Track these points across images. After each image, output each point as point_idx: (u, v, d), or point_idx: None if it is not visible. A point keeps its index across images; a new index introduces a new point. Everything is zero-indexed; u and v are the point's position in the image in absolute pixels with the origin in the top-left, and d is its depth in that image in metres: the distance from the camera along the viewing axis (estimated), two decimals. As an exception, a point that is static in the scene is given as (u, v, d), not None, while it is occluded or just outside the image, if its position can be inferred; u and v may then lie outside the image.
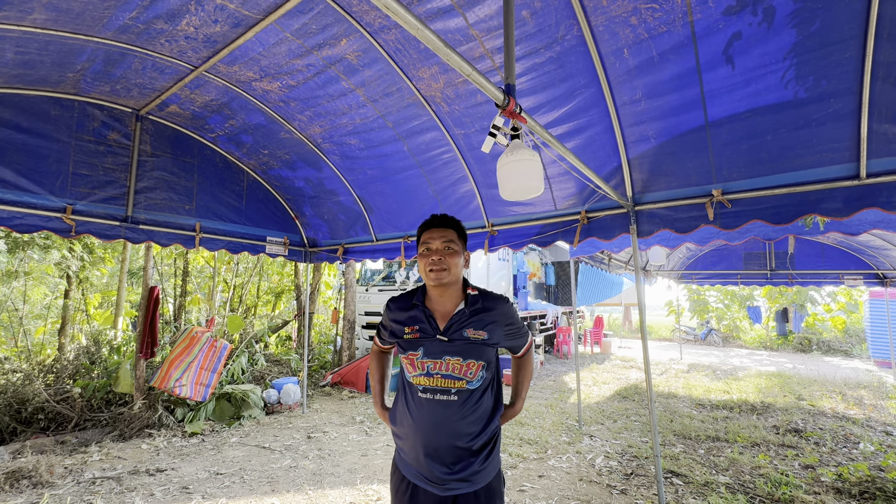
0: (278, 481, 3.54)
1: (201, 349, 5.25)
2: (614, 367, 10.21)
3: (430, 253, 1.49)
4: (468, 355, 1.45)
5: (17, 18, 2.50)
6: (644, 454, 4.25)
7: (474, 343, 1.46)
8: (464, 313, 1.49)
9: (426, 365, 1.47)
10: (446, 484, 1.41)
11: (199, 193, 4.60)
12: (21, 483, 3.28)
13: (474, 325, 1.47)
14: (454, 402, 1.43)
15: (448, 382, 1.44)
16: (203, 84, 3.60)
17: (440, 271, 1.47)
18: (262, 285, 11.83)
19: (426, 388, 1.46)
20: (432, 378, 1.46)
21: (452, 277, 1.49)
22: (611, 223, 3.36)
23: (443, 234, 1.50)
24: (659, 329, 20.90)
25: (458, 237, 1.54)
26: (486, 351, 1.47)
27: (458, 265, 1.50)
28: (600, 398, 6.89)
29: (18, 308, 9.25)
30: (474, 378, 1.45)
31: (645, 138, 2.93)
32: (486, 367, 1.48)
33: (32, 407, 5.02)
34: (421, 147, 3.83)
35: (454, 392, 1.43)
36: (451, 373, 1.44)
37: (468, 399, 1.44)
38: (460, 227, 1.59)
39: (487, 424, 1.48)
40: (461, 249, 1.54)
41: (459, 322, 1.48)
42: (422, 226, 1.57)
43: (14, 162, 3.44)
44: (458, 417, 1.42)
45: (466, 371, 1.45)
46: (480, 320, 1.48)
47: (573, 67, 2.72)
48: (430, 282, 1.50)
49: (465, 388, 1.44)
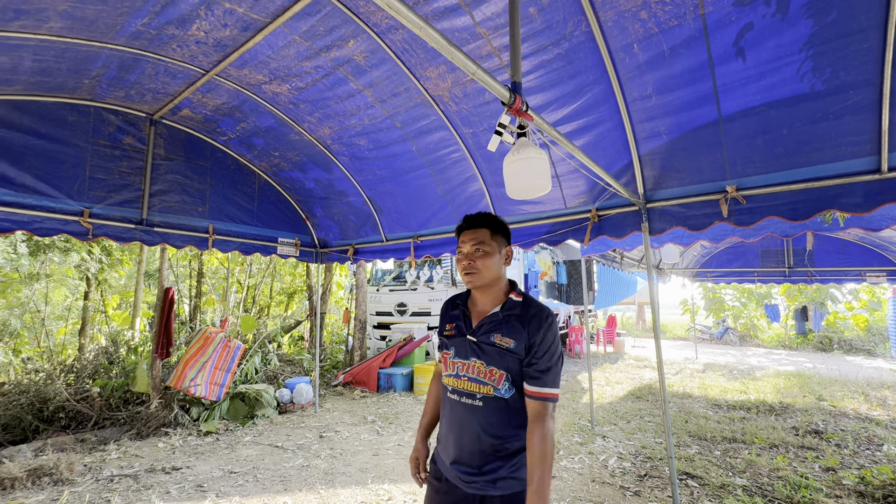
0: (291, 480, 3.57)
1: (215, 349, 5.33)
2: (628, 367, 10.09)
3: (462, 257, 1.46)
4: (491, 361, 1.38)
5: (34, 27, 2.56)
6: (658, 455, 4.19)
7: (499, 349, 1.37)
8: (496, 316, 1.42)
9: (456, 366, 1.45)
10: (474, 483, 1.39)
11: (211, 196, 4.67)
12: (42, 480, 3.36)
13: (504, 331, 1.39)
14: (479, 408, 1.38)
15: (474, 386, 1.40)
16: (214, 88, 3.64)
17: (470, 274, 1.43)
18: (274, 286, 11.96)
19: (454, 390, 1.45)
20: (460, 380, 1.44)
21: (486, 279, 1.43)
22: (622, 221, 3.31)
23: (473, 236, 1.45)
24: (673, 328, 20.61)
25: (493, 235, 1.45)
26: (509, 359, 1.36)
27: (490, 266, 1.42)
28: (613, 398, 6.82)
29: (41, 309, 9.50)
30: (499, 385, 1.36)
31: (656, 134, 2.88)
32: (508, 377, 1.36)
33: (54, 406, 5.15)
34: (429, 147, 3.83)
35: (479, 397, 1.38)
36: (477, 377, 1.39)
37: (496, 407, 1.36)
38: (496, 223, 1.48)
39: (523, 431, 1.38)
40: (497, 248, 1.45)
41: (490, 325, 1.42)
42: (457, 228, 1.53)
43: (33, 167, 3.52)
44: (483, 423, 1.37)
45: (490, 377, 1.37)
46: (512, 327, 1.38)
47: (582, 64, 2.68)
48: (466, 285, 1.48)
49: (491, 394, 1.36)
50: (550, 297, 12.88)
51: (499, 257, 1.45)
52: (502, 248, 1.48)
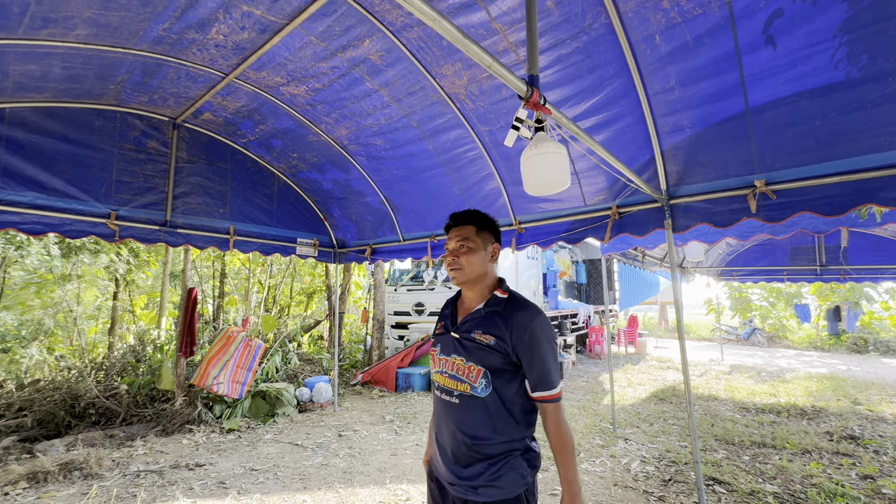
0: (310, 479, 3.60)
1: (237, 348, 5.43)
2: (650, 368, 9.87)
3: (447, 253, 1.48)
4: (471, 357, 1.37)
5: (62, 35, 2.64)
6: (683, 459, 4.06)
7: (479, 345, 1.36)
8: (479, 313, 1.42)
9: (441, 362, 1.47)
10: (457, 486, 1.38)
11: (232, 197, 4.75)
12: (73, 474, 3.47)
13: (484, 328, 1.38)
14: (457, 406, 1.38)
15: (452, 383, 1.40)
16: (234, 91, 3.70)
17: (454, 270, 1.45)
18: (294, 286, 12.13)
19: (438, 386, 1.47)
20: (443, 376, 1.45)
21: (469, 275, 1.44)
22: (644, 218, 3.23)
23: (458, 233, 1.46)
24: (698, 328, 20.09)
25: (479, 231, 1.46)
26: (488, 356, 1.34)
27: (474, 262, 1.43)
28: (635, 400, 6.67)
29: (73, 309, 9.87)
30: (476, 383, 1.35)
31: (679, 128, 2.79)
32: (487, 374, 1.34)
33: (85, 402, 5.33)
34: (446, 145, 3.80)
35: (456, 395, 1.39)
36: (456, 373, 1.40)
37: (471, 406, 1.35)
38: (482, 219, 1.49)
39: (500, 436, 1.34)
40: (482, 245, 1.45)
41: (473, 321, 1.42)
42: (445, 226, 1.55)
43: (63, 171, 3.64)
44: (458, 422, 1.37)
45: (468, 374, 1.36)
46: (493, 324, 1.37)
47: (601, 57, 2.62)
48: (452, 282, 1.49)
49: (468, 392, 1.36)
50: (570, 296, 12.71)
51: (484, 254, 1.45)
52: (488, 245, 1.47)
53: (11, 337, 6.83)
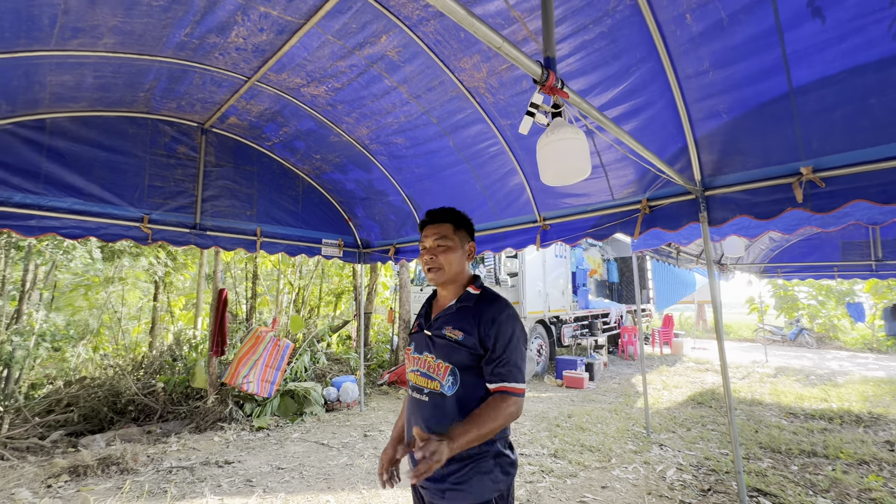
0: (334, 479, 3.60)
1: (265, 348, 5.53)
2: (687, 370, 9.44)
3: (424, 252, 1.45)
4: (440, 354, 1.34)
5: (91, 45, 2.73)
6: (724, 468, 3.82)
7: (448, 341, 1.33)
8: (450, 309, 1.40)
9: (415, 360, 1.44)
10: (427, 488, 1.36)
11: (259, 199, 4.84)
12: (110, 469, 3.61)
13: (454, 323, 1.35)
14: (425, 404, 1.35)
15: (423, 381, 1.38)
16: (257, 94, 3.75)
17: (433, 270, 1.42)
18: (323, 287, 12.34)
19: (412, 385, 1.44)
20: (416, 374, 1.42)
21: (448, 275, 1.42)
22: (677, 211, 3.04)
23: (436, 231, 1.43)
24: (739, 329, 19.15)
25: (456, 229, 1.45)
26: (456, 352, 1.31)
27: (452, 261, 1.41)
28: (671, 403, 6.37)
29: (118, 310, 10.39)
30: (443, 381, 1.31)
31: (714, 114, 2.60)
32: (454, 371, 1.30)
33: (125, 399, 5.57)
34: (467, 141, 3.72)
35: (426, 392, 1.36)
36: (427, 371, 1.37)
37: (439, 405, 1.32)
38: (458, 217, 1.47)
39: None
40: (459, 243, 1.44)
41: (444, 318, 1.40)
42: (420, 223, 1.52)
43: (100, 178, 3.79)
44: (426, 421, 1.34)
45: (437, 371, 1.34)
46: (463, 319, 1.35)
47: (627, 41, 2.47)
48: (429, 282, 1.48)
49: (437, 391, 1.33)
50: (600, 295, 12.36)
51: (461, 252, 1.44)
52: (465, 244, 1.46)
53: (61, 336, 7.23)
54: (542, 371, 8.59)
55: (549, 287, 8.84)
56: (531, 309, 8.13)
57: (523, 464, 3.92)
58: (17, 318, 6.34)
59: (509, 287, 8.09)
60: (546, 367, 8.86)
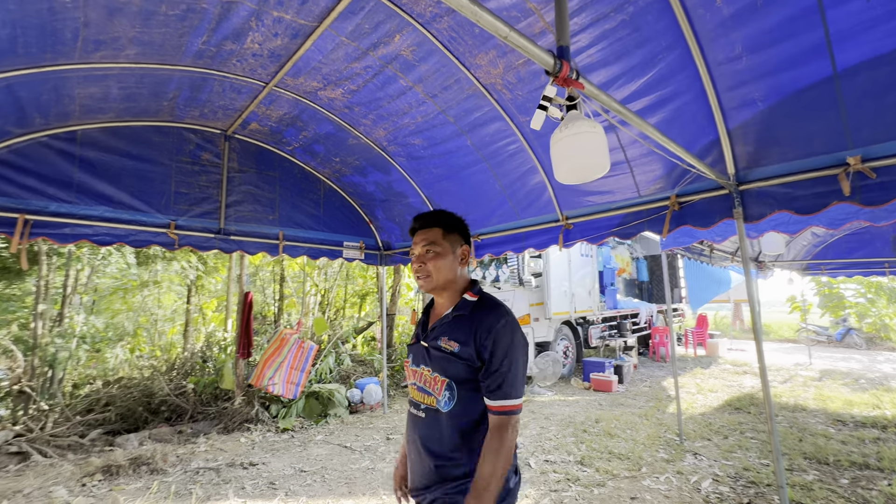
0: (356, 483, 3.58)
1: (290, 350, 5.59)
2: (723, 373, 9.01)
3: (413, 259, 1.38)
4: (436, 367, 1.27)
5: (114, 56, 2.80)
6: (765, 480, 3.59)
7: (444, 353, 1.25)
8: (447, 318, 1.32)
9: (413, 374, 1.37)
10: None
11: (281, 203, 4.90)
12: (141, 469, 3.72)
13: (450, 334, 1.27)
14: (422, 421, 1.28)
15: (419, 396, 1.31)
16: (275, 99, 3.78)
17: (422, 278, 1.35)
18: (348, 288, 12.47)
19: (410, 399, 1.38)
20: (413, 388, 1.36)
21: (437, 281, 1.34)
22: (708, 207, 2.86)
23: (424, 237, 1.36)
24: (779, 329, 18.23)
25: (446, 234, 1.37)
26: (452, 365, 1.23)
27: (441, 268, 1.33)
28: (706, 409, 6.07)
29: (154, 313, 10.80)
30: (440, 396, 1.24)
31: (749, 102, 2.43)
32: (451, 386, 1.23)
33: (158, 399, 5.75)
34: (485, 140, 3.64)
35: (423, 408, 1.29)
36: (424, 385, 1.30)
37: (436, 422, 1.25)
38: (450, 221, 1.40)
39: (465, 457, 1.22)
40: (450, 248, 1.35)
41: (440, 328, 1.31)
42: (409, 229, 1.46)
43: (128, 186, 3.91)
44: (424, 439, 1.27)
45: (433, 385, 1.27)
46: (459, 329, 1.26)
47: (651, 29, 2.34)
48: (420, 289, 1.42)
49: (433, 406, 1.25)
50: (630, 295, 11.99)
51: (452, 258, 1.36)
52: (457, 248, 1.38)
53: (100, 338, 7.57)
54: (568, 373, 8.39)
55: (574, 287, 8.62)
56: (556, 310, 7.94)
57: (548, 471, 3.80)
58: (60, 321, 6.66)
59: (533, 287, 7.93)
60: (573, 370, 8.64)
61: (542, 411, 5.98)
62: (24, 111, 3.09)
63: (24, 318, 7.05)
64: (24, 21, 2.22)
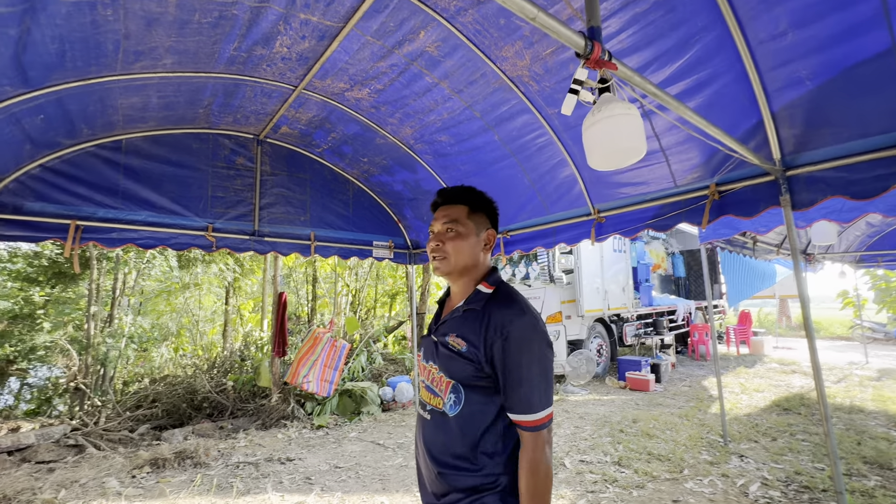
0: (389, 480, 3.61)
1: (323, 348, 5.71)
2: (769, 372, 8.56)
3: (431, 237, 1.24)
4: (443, 366, 1.13)
5: (152, 66, 2.92)
6: (820, 485, 3.37)
7: (451, 351, 1.11)
8: (457, 311, 1.17)
9: (423, 370, 1.25)
10: None
11: (311, 205, 4.99)
12: (185, 462, 3.88)
13: (459, 330, 1.12)
14: (427, 423, 1.16)
15: (427, 395, 1.18)
16: (304, 102, 3.85)
17: (437, 260, 1.20)
18: (378, 288, 12.63)
19: (419, 399, 1.26)
20: (422, 387, 1.24)
21: (454, 265, 1.19)
22: (752, 195, 2.71)
23: (446, 213, 1.22)
24: (830, 325, 17.18)
25: (471, 213, 1.22)
26: (458, 366, 1.09)
27: (461, 250, 1.18)
28: (751, 409, 5.78)
29: (196, 313, 11.27)
30: (445, 398, 1.10)
31: (796, 81, 2.27)
32: (457, 388, 1.09)
33: (200, 396, 6.00)
34: (512, 134, 3.58)
35: (429, 409, 1.16)
36: (431, 384, 1.16)
37: (441, 426, 1.12)
38: (477, 199, 1.26)
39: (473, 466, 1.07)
40: (474, 229, 1.20)
41: (451, 322, 1.17)
42: (431, 203, 1.33)
43: (169, 191, 4.08)
44: (429, 443, 1.14)
45: (439, 385, 1.14)
46: (468, 325, 1.10)
47: (686, 10, 2.23)
48: (433, 272, 1.29)
49: (439, 408, 1.12)
50: (666, 291, 11.59)
51: (475, 241, 1.20)
52: (482, 231, 1.23)
53: (147, 338, 7.97)
54: (602, 372, 8.18)
55: (607, 283, 8.40)
56: (589, 307, 7.76)
57: (583, 471, 3.71)
58: (110, 322, 7.05)
59: (565, 284, 7.77)
60: (607, 368, 8.42)
61: (575, 410, 5.85)
62: (72, 122, 3.28)
63: (78, 320, 7.51)
64: (71, 35, 2.35)
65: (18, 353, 7.32)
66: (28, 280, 7.55)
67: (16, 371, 7.72)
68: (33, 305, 7.45)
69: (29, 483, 3.47)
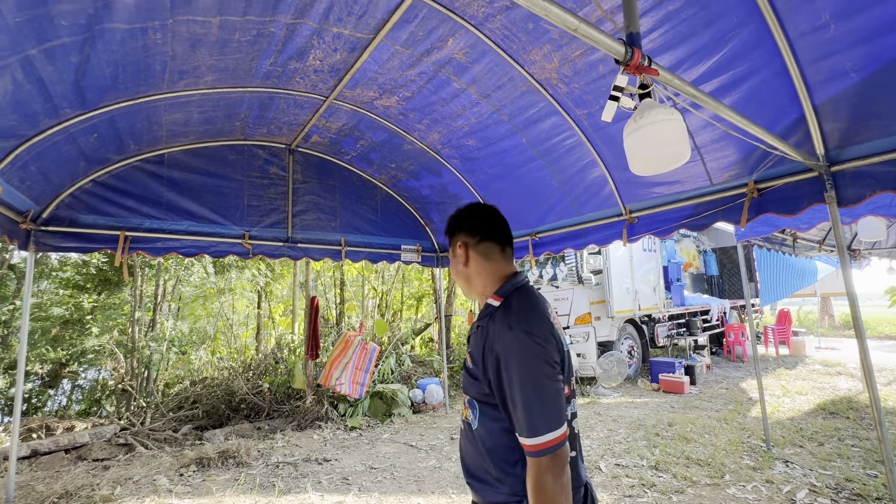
0: (424, 481, 3.65)
1: (354, 351, 5.81)
2: (812, 374, 8.19)
3: None
4: (462, 381, 1.14)
5: (195, 84, 3.07)
6: (873, 493, 3.22)
7: (465, 367, 1.11)
8: (473, 327, 1.17)
9: None
10: None
11: (341, 211, 5.12)
12: (228, 461, 4.02)
13: (471, 347, 1.11)
14: (463, 433, 1.15)
15: (464, 406, 1.17)
16: (334, 112, 3.96)
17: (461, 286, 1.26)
18: (404, 291, 12.75)
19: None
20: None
21: (464, 291, 1.24)
22: (794, 192, 2.63)
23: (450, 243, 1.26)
24: (878, 324, 16.30)
25: (452, 238, 1.23)
26: (469, 382, 1.08)
27: (458, 276, 1.22)
28: (795, 413, 5.55)
29: (230, 317, 11.65)
30: (469, 411, 1.10)
31: (840, 74, 2.20)
32: (473, 404, 1.08)
33: (238, 398, 6.20)
34: (540, 136, 3.58)
35: (463, 420, 1.15)
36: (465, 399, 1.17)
37: (468, 437, 1.11)
38: (454, 223, 1.24)
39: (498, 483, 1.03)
40: (455, 252, 1.21)
41: (471, 337, 1.16)
42: None
43: (208, 201, 4.26)
44: (462, 450, 1.15)
45: (465, 399, 1.14)
46: (475, 342, 1.09)
47: (720, 5, 2.19)
48: None
49: (468, 419, 1.11)
50: (698, 291, 11.26)
51: (456, 261, 1.20)
52: (455, 249, 1.20)
53: (186, 342, 8.31)
54: (634, 374, 8.02)
55: (637, 284, 8.23)
56: (619, 308, 7.63)
57: (619, 475, 3.66)
58: (152, 326, 7.38)
59: (594, 285, 7.67)
60: (639, 370, 8.25)
61: (608, 413, 5.77)
62: (121, 139, 3.48)
63: (123, 325, 7.90)
64: (124, 59, 2.50)
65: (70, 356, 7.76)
66: (77, 287, 8.00)
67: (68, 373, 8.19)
68: (82, 311, 7.89)
69: (87, 479, 3.69)
